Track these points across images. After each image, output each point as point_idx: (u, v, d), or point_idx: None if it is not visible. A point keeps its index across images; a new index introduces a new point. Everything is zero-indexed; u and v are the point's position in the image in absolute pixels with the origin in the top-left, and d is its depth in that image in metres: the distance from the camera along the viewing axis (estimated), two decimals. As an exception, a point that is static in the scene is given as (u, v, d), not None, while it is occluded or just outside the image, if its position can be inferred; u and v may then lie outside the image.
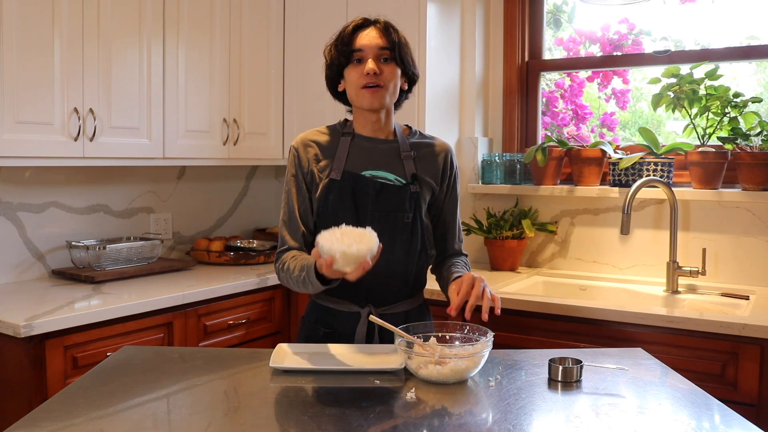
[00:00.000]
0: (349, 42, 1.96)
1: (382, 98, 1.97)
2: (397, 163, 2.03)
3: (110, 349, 2.39)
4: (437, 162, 2.09)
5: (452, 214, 2.14)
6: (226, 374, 1.80)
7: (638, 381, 1.75)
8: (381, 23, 1.99)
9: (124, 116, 2.84)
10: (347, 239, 1.69)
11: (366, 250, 1.67)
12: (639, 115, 3.52)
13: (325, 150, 2.04)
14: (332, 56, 2.01)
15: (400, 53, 1.97)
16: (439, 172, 2.09)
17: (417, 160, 2.05)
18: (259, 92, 3.43)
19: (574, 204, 3.27)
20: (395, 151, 2.04)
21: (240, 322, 2.91)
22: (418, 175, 2.03)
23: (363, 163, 2.01)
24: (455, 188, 2.14)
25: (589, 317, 2.50)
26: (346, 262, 1.68)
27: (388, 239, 1.93)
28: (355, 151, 2.03)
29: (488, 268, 3.30)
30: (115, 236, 3.20)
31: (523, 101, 3.49)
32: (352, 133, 2.05)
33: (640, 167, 2.99)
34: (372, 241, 1.70)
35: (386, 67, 1.96)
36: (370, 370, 1.77)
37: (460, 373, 1.67)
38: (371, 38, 1.96)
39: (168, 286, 2.79)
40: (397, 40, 1.98)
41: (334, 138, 2.05)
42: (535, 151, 3.17)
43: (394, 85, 1.99)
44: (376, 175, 2.01)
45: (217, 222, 3.74)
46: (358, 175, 2.00)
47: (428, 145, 2.10)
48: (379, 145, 2.04)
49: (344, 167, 2.00)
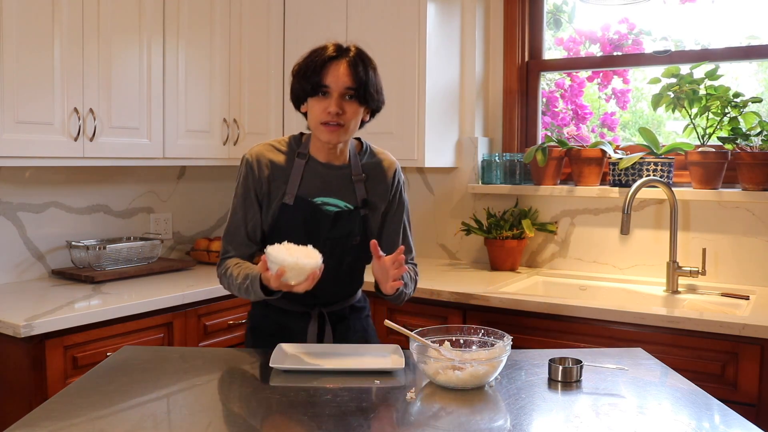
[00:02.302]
0: (318, 74, 1.97)
1: (340, 136, 2.01)
2: (348, 189, 2.09)
3: (110, 349, 2.39)
4: (386, 180, 2.14)
5: (397, 226, 2.17)
6: (226, 374, 1.80)
7: (638, 381, 1.75)
8: (352, 56, 1.99)
9: (124, 116, 2.83)
10: (296, 254, 1.79)
11: (314, 264, 1.78)
12: (639, 115, 3.52)
13: (279, 170, 2.07)
14: (299, 82, 2.03)
15: (365, 92, 1.99)
16: (388, 190, 2.14)
17: (367, 182, 2.11)
18: (259, 92, 3.43)
19: (574, 204, 3.27)
20: (347, 177, 2.09)
21: (240, 322, 2.91)
22: (368, 200, 2.10)
23: (316, 189, 2.06)
24: (401, 202, 2.17)
25: (589, 317, 2.50)
26: (296, 274, 1.78)
27: (337, 260, 2.04)
28: (309, 176, 2.07)
29: (488, 268, 3.30)
30: (115, 236, 3.20)
31: (523, 101, 3.49)
32: (307, 155, 2.09)
33: (640, 167, 2.99)
34: (318, 256, 1.80)
35: (349, 105, 1.99)
36: (370, 370, 1.77)
37: (479, 378, 1.65)
38: (339, 76, 1.97)
39: (168, 286, 2.79)
40: (365, 77, 1.98)
41: (289, 158, 2.08)
42: (535, 151, 3.16)
43: (355, 122, 2.03)
44: (327, 202, 2.06)
45: (217, 222, 3.74)
46: (311, 202, 2.05)
47: (377, 164, 2.14)
48: (333, 171, 2.09)
49: (297, 192, 2.05)
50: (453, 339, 1.82)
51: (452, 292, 2.73)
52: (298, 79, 2.02)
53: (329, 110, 1.96)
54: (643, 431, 1.44)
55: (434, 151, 3.27)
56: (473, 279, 3.05)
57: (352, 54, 1.99)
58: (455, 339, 1.82)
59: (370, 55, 2.04)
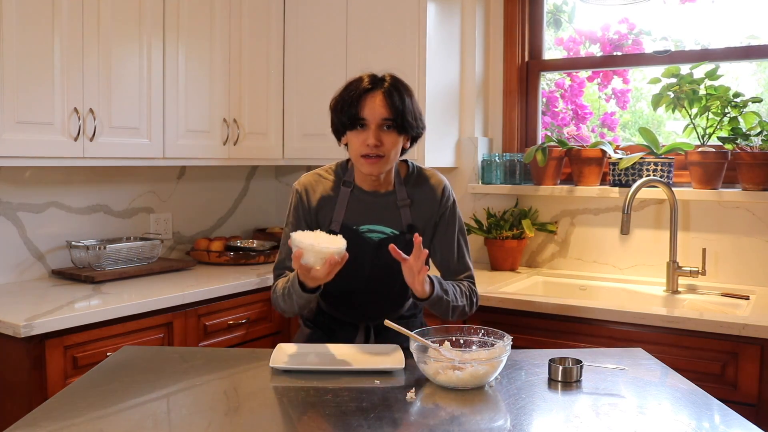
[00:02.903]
0: (355, 107, 2.00)
1: (381, 168, 2.04)
2: (394, 215, 2.12)
3: (110, 349, 2.39)
4: (434, 201, 2.16)
5: (450, 245, 2.17)
6: (226, 374, 1.80)
7: (638, 381, 1.75)
8: (387, 87, 2.02)
9: (124, 116, 2.83)
10: (319, 239, 1.83)
11: (335, 249, 1.80)
12: (639, 115, 3.52)
13: (326, 199, 2.12)
14: (337, 116, 2.06)
15: (402, 121, 2.01)
16: (435, 211, 2.15)
17: (413, 207, 2.13)
18: (259, 92, 3.43)
19: (574, 204, 3.27)
20: (392, 203, 2.12)
21: (240, 322, 2.91)
22: (413, 225, 2.12)
23: (361, 217, 2.11)
24: (452, 221, 2.18)
25: (589, 317, 2.50)
26: (314, 257, 1.80)
27: (385, 285, 2.08)
28: (354, 204, 2.12)
29: (488, 268, 3.30)
30: (115, 236, 3.20)
31: (523, 101, 3.49)
32: (352, 183, 2.13)
33: (640, 167, 2.99)
34: (340, 243, 1.82)
35: (388, 136, 2.01)
36: (371, 369, 1.77)
37: (479, 378, 1.65)
38: (375, 107, 1.99)
39: (168, 286, 2.79)
40: (401, 106, 2.00)
41: (335, 186, 2.14)
42: (535, 151, 3.16)
43: (395, 152, 2.05)
44: (373, 229, 2.10)
45: (217, 222, 3.74)
46: (356, 230, 2.09)
47: (424, 186, 2.16)
48: (378, 199, 2.12)
49: (343, 220, 2.09)
50: (453, 339, 1.82)
51: (452, 292, 2.73)
52: (336, 113, 2.06)
53: (368, 143, 1.99)
54: (643, 431, 1.44)
55: (434, 151, 3.27)
56: (473, 279, 3.05)
57: (387, 84, 2.02)
58: (455, 339, 1.82)
59: (406, 83, 2.07)
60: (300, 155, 3.53)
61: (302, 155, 3.52)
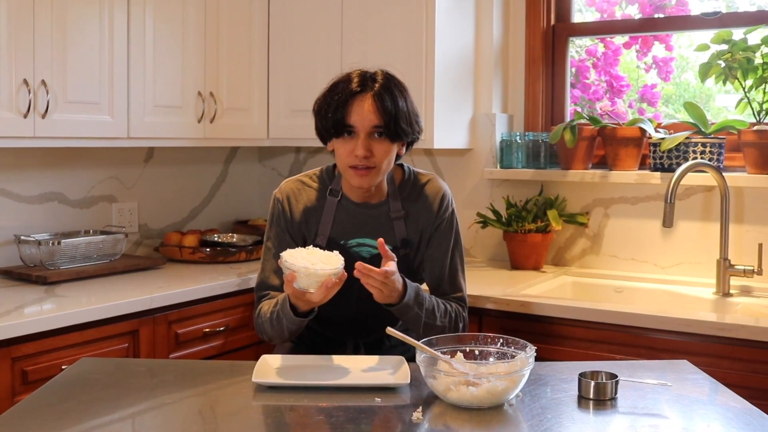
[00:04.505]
0: (341, 112, 2.01)
1: (372, 180, 2.07)
2: (386, 227, 2.15)
3: (66, 362, 2.39)
4: (431, 210, 2.18)
5: (442, 259, 2.20)
6: (202, 391, 1.80)
7: (683, 399, 1.75)
8: (377, 89, 2.03)
9: (82, 89, 2.82)
10: (313, 258, 1.86)
11: (331, 270, 1.84)
12: (684, 88, 3.51)
13: (310, 210, 2.15)
14: (321, 122, 2.07)
15: (395, 128, 2.02)
16: (431, 223, 2.18)
17: (408, 219, 2.16)
18: (240, 61, 3.42)
19: (609, 192, 3.26)
20: (384, 215, 2.16)
21: (218, 330, 2.91)
22: (408, 239, 2.15)
23: (349, 230, 2.15)
24: (447, 233, 2.21)
25: (626, 324, 2.51)
26: (308, 280, 1.84)
27: (376, 303, 2.07)
28: (341, 216, 2.15)
29: (508, 267, 3.30)
30: (72, 229, 3.20)
31: (549, 72, 3.48)
32: (340, 192, 2.16)
33: (685, 149, 2.98)
34: (338, 262, 1.88)
35: (379, 144, 2.03)
36: (371, 385, 1.77)
37: (497, 396, 1.65)
38: (364, 114, 2.01)
39: (133, 287, 2.79)
40: (394, 110, 2.02)
41: (320, 195, 2.16)
42: (563, 129, 3.16)
43: (388, 161, 2.07)
44: (363, 243, 2.13)
45: (191, 213, 3.74)
46: (344, 245, 2.12)
47: (420, 194, 2.19)
48: (369, 210, 2.15)
49: (329, 234, 2.13)
50: (467, 349, 1.82)
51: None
52: (320, 118, 2.08)
53: (356, 153, 2.01)
54: (689, 457, 1.44)
55: (445, 130, 3.26)
56: (490, 279, 3.06)
57: (378, 85, 2.04)
58: (469, 349, 1.83)
59: (400, 79, 2.08)
60: (288, 134, 3.52)
61: (290, 134, 3.51)
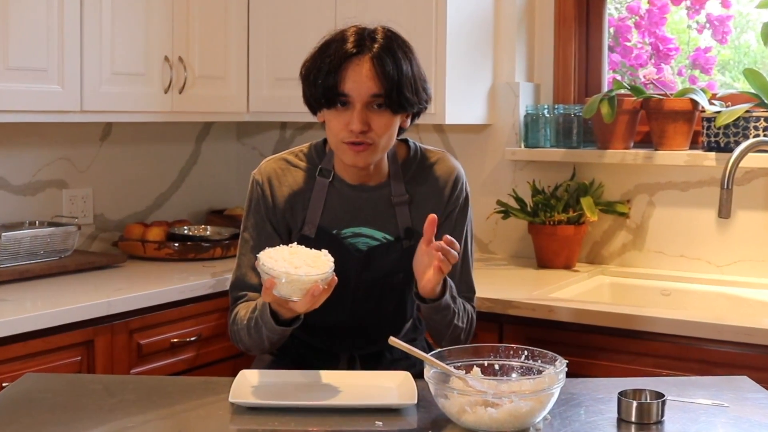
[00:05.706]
0: (334, 77, 1.99)
1: (369, 158, 2.05)
2: (387, 214, 2.14)
3: (7, 378, 2.39)
4: (441, 195, 2.18)
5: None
6: (170, 413, 1.81)
7: (742, 422, 1.75)
8: (377, 49, 2.01)
9: (26, 54, 2.82)
10: (296, 260, 1.82)
11: (317, 276, 1.79)
12: (744, 53, 3.51)
13: (296, 194, 2.14)
14: (310, 89, 2.05)
15: (399, 97, 2.01)
16: (441, 208, 2.17)
17: (413, 205, 2.15)
18: (214, 21, 3.41)
19: (654, 176, 3.26)
20: (385, 199, 2.15)
21: (188, 341, 2.92)
22: (412, 228, 2.14)
23: (344, 218, 2.13)
24: (461, 224, 2.21)
25: (675, 333, 2.51)
26: (291, 287, 1.79)
27: (375, 305, 2.13)
28: (334, 200, 2.14)
29: (534, 266, 3.30)
30: (14, 221, 3.19)
31: (582, 33, 3.47)
32: (331, 172, 2.14)
33: (745, 124, 2.97)
34: (326, 266, 1.83)
35: (378, 117, 2.02)
36: (370, 406, 1.78)
37: (521, 419, 1.65)
38: (361, 81, 1.99)
39: (87, 289, 2.79)
40: (397, 76, 2.00)
41: (308, 175, 2.15)
42: (599, 102, 3.15)
43: (389, 136, 2.06)
44: (359, 233, 2.12)
45: (156, 201, 3.74)
46: (337, 236, 2.11)
47: (429, 175, 2.18)
48: (366, 194, 2.15)
49: (319, 222, 2.12)
50: (485, 363, 1.82)
51: (484, 298, 2.72)
52: (309, 84, 2.06)
53: (351, 127, 2.00)
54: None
55: (458, 102, 3.26)
56: (513, 280, 3.07)
57: (378, 45, 2.02)
58: (488, 363, 1.82)
59: (404, 38, 2.07)
60: (271, 107, 3.52)
61: (274, 107, 3.51)
